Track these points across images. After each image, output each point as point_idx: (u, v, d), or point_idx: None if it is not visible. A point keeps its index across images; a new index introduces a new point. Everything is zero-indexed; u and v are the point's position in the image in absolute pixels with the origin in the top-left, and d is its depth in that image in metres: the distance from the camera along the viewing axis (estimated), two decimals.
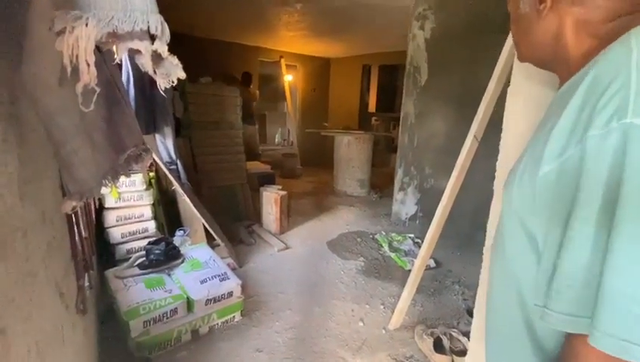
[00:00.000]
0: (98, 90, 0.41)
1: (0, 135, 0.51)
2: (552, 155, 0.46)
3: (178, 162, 2.58)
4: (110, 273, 2.06)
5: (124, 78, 1.86)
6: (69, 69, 0.41)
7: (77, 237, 1.13)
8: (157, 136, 2.41)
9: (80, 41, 0.38)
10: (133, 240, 2.36)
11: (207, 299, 1.97)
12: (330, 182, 5.37)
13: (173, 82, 0.51)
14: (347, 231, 3.64)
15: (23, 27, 0.47)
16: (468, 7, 3.06)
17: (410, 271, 2.32)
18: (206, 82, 3.26)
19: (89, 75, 0.39)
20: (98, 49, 0.50)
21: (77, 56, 0.39)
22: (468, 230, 3.03)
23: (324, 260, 2.98)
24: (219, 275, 2.13)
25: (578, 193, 0.42)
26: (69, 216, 1.07)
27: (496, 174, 1.15)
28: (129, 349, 1.72)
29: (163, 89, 0.51)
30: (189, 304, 1.93)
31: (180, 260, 2.25)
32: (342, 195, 4.97)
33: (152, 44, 0.45)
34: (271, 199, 3.41)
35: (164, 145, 2.47)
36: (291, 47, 6.11)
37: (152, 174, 2.49)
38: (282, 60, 6.18)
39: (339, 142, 5.00)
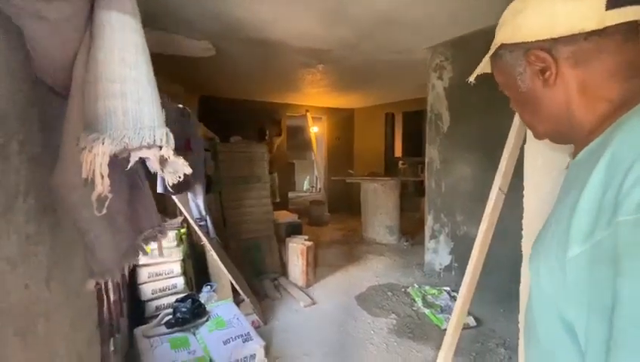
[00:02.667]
0: (110, 196, 0.48)
1: (35, 231, 0.59)
2: (580, 237, 0.44)
3: (207, 218, 2.70)
4: (139, 331, 2.09)
5: None
6: (99, 182, 0.48)
7: (105, 305, 1.20)
8: (189, 194, 2.58)
9: (97, 158, 0.45)
10: (163, 297, 2.42)
11: None
12: (359, 229, 5.28)
13: (178, 177, 0.57)
14: (377, 284, 3.48)
15: (60, 140, 0.56)
16: (483, 56, 3.13)
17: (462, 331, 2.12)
18: (235, 141, 3.50)
19: (102, 186, 0.46)
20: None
21: (94, 170, 0.46)
22: (507, 283, 2.76)
23: (353, 317, 2.83)
24: (242, 335, 2.09)
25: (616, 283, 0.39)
26: (99, 289, 1.14)
27: (523, 233, 1.09)
28: None
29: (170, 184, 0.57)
30: None
31: (205, 318, 2.25)
32: (371, 243, 4.83)
33: (160, 150, 0.51)
34: (297, 250, 3.39)
35: (194, 203, 2.62)
36: (316, 102, 6.49)
37: (183, 230, 2.61)
38: (308, 114, 6.55)
39: (365, 189, 5.00)
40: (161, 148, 0.52)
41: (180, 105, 2.47)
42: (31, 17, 0.42)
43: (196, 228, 2.55)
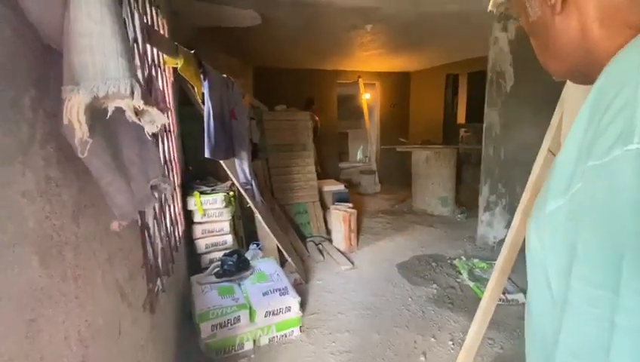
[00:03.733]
0: (91, 141, 0.55)
1: (57, 174, 0.71)
2: (559, 189, 0.38)
3: (253, 183, 2.87)
4: (194, 279, 2.41)
5: (205, 116, 2.22)
6: (76, 128, 0.55)
7: (150, 249, 1.40)
8: (236, 160, 2.76)
9: (73, 107, 0.51)
10: (214, 251, 2.72)
11: (267, 311, 2.11)
12: (409, 199, 5.11)
13: (157, 126, 0.63)
14: (421, 254, 3.39)
15: None
16: None
17: (499, 306, 2.01)
18: (281, 109, 3.58)
19: (81, 132, 0.53)
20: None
21: (76, 117, 0.53)
22: None
23: (392, 284, 2.83)
24: (280, 289, 2.26)
25: (576, 244, 0.34)
26: (142, 232, 1.33)
27: None
28: (200, 348, 1.96)
29: (150, 133, 0.62)
30: (252, 314, 2.10)
31: (249, 271, 2.48)
32: (420, 214, 4.66)
33: (132, 99, 0.56)
34: (340, 217, 3.45)
35: (241, 168, 2.80)
36: (369, 66, 6.19)
37: (231, 193, 2.84)
38: (360, 80, 6.31)
39: (416, 158, 4.76)
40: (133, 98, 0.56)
41: (225, 75, 2.59)
42: None
43: (242, 192, 2.75)
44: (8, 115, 0.57)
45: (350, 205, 3.69)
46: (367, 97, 6.63)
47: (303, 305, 2.38)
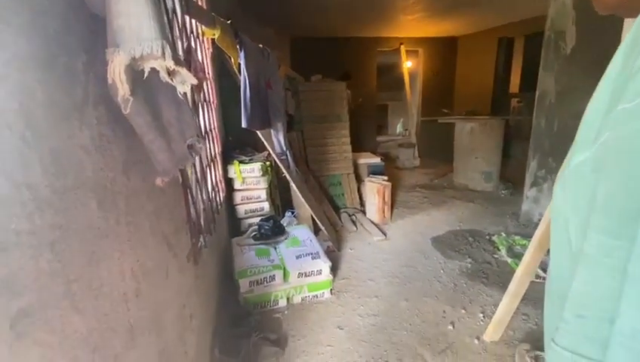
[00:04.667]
0: (132, 99, 0.62)
1: (108, 132, 0.81)
2: (586, 140, 0.38)
3: (288, 153, 2.95)
4: (234, 240, 2.61)
5: (241, 86, 2.29)
6: (119, 87, 0.63)
7: (192, 208, 1.54)
8: (271, 130, 2.84)
9: (115, 67, 0.58)
10: (253, 217, 2.89)
11: (300, 273, 2.24)
12: (450, 174, 4.91)
13: (187, 86, 0.68)
14: (458, 229, 3.30)
15: None
16: None
17: (536, 283, 1.93)
18: (316, 80, 3.55)
19: (122, 90, 0.60)
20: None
21: (117, 76, 0.60)
22: None
23: (424, 256, 2.83)
24: (312, 253, 2.37)
25: (597, 193, 0.33)
26: (185, 192, 1.46)
27: None
28: (239, 301, 2.16)
29: (182, 93, 0.68)
30: (285, 274, 2.25)
31: (284, 236, 2.62)
32: (461, 189, 4.48)
33: (164, 59, 0.62)
34: (374, 189, 3.44)
35: (276, 139, 2.88)
36: (412, 32, 5.81)
37: (268, 163, 2.96)
38: (402, 47, 5.97)
39: (459, 130, 4.50)
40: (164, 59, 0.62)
41: (261, 46, 2.62)
42: None
43: (277, 161, 2.85)
44: (64, 77, 0.66)
45: (385, 178, 3.66)
46: (409, 65, 6.28)
47: (334, 271, 2.49)
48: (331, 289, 2.34)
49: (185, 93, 0.89)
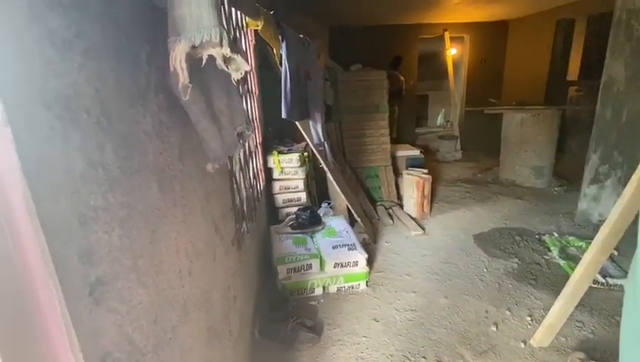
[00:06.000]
0: (191, 86, 0.65)
1: (166, 119, 0.85)
2: None
3: (326, 144, 2.95)
4: (272, 228, 2.68)
5: (282, 77, 2.31)
6: (179, 74, 0.66)
7: (237, 195, 1.60)
8: (310, 121, 2.85)
9: (177, 55, 0.61)
10: (290, 206, 2.95)
11: (336, 263, 2.25)
12: (496, 168, 4.62)
13: (242, 73, 0.70)
14: (504, 227, 3.11)
15: None
16: None
17: (594, 289, 1.78)
18: (355, 69, 3.49)
19: (182, 77, 0.63)
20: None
21: (179, 63, 0.63)
22: None
23: (465, 253, 2.71)
24: (348, 245, 2.37)
25: None
26: (231, 179, 1.52)
27: None
28: (277, 287, 2.23)
29: (236, 80, 0.70)
30: (322, 263, 2.27)
31: (321, 226, 2.65)
32: (508, 185, 4.20)
33: (222, 47, 0.64)
34: (412, 182, 3.34)
35: (315, 129, 2.89)
36: (457, 17, 5.47)
37: (305, 153, 2.99)
38: (446, 33, 5.66)
39: (508, 122, 4.20)
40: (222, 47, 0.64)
41: (301, 36, 2.62)
42: None
43: (315, 152, 2.86)
44: (131, 66, 0.71)
45: (425, 171, 3.53)
46: (454, 53, 5.95)
47: (370, 263, 2.47)
48: (367, 282, 2.33)
49: (237, 81, 0.91)
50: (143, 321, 0.69)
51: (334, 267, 2.24)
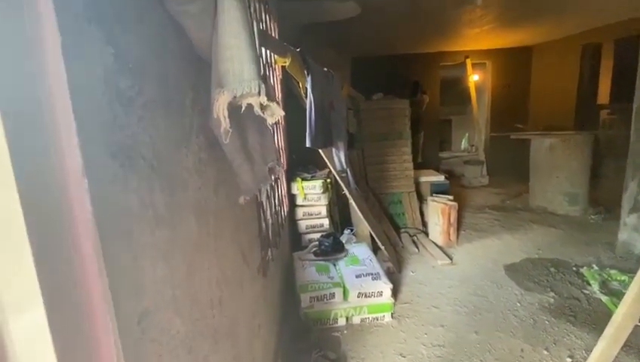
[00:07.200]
0: (231, 130, 0.71)
1: (205, 157, 0.93)
2: None
3: (348, 171, 3.00)
4: (296, 255, 2.70)
5: (307, 108, 2.42)
6: (222, 121, 0.73)
7: (263, 223, 1.65)
8: (333, 149, 2.92)
9: (220, 105, 0.68)
10: (313, 232, 2.96)
11: (360, 293, 2.22)
12: (525, 195, 4.45)
13: (276, 119, 0.76)
14: (537, 257, 2.96)
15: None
16: None
17: (638, 328, 1.63)
18: (377, 98, 3.57)
19: (224, 123, 0.69)
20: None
21: (222, 112, 0.70)
22: None
23: (497, 285, 2.58)
24: (372, 274, 2.34)
25: None
26: (258, 208, 1.58)
27: None
28: (300, 316, 2.21)
29: (271, 123, 0.76)
30: (345, 292, 2.24)
31: (344, 254, 2.64)
32: (539, 212, 4.02)
33: (259, 96, 0.70)
34: (437, 209, 3.28)
35: (337, 157, 2.95)
36: (478, 45, 5.53)
37: (328, 180, 3.03)
38: (468, 60, 5.71)
39: (537, 147, 4.09)
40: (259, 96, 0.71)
41: (325, 69, 2.74)
42: (183, 14, 0.68)
43: (338, 179, 2.90)
44: (178, 113, 0.79)
45: (450, 197, 3.47)
46: (476, 79, 5.96)
47: (395, 294, 2.40)
48: (392, 313, 2.26)
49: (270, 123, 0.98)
50: (180, 351, 0.72)
51: (358, 297, 2.21)
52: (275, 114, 0.76)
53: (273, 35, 2.52)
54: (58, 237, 0.44)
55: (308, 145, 2.45)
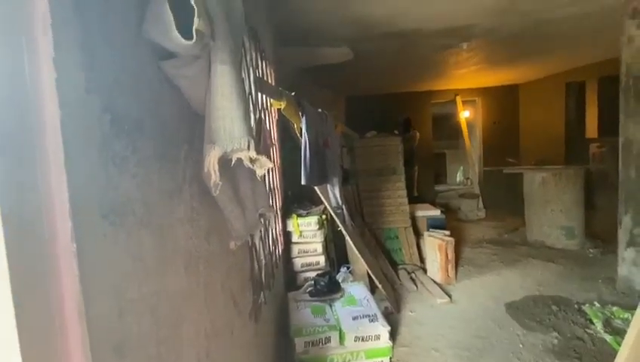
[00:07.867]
0: (220, 183, 0.74)
1: (197, 205, 0.95)
2: None
3: (343, 207, 3.01)
4: (291, 295, 2.63)
5: (302, 147, 2.49)
6: (212, 174, 0.76)
7: (255, 265, 1.63)
8: (328, 186, 2.96)
9: (211, 160, 0.71)
10: (309, 271, 2.91)
11: (356, 336, 2.13)
12: (522, 228, 4.44)
13: (265, 170, 0.79)
14: (537, 294, 2.90)
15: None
16: None
17: None
18: (371, 136, 3.68)
19: (215, 177, 0.73)
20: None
21: (212, 166, 0.73)
22: None
23: (498, 325, 2.50)
24: (369, 315, 2.27)
25: None
26: (250, 250, 1.57)
27: None
28: (294, 361, 2.11)
29: (262, 174, 0.79)
30: (341, 336, 2.16)
31: (340, 294, 2.57)
32: (537, 246, 3.99)
33: (249, 151, 0.74)
34: (434, 245, 3.26)
35: (332, 193, 2.98)
36: (467, 83, 5.82)
37: (324, 216, 3.04)
38: (458, 98, 5.97)
39: (530, 181, 4.15)
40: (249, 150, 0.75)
41: (320, 110, 2.86)
42: (179, 77, 0.74)
43: (333, 215, 2.91)
44: (171, 165, 0.82)
45: (447, 232, 3.46)
46: (467, 115, 6.18)
47: (393, 336, 2.32)
48: (390, 358, 2.17)
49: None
50: None
51: (355, 341, 2.12)
52: (264, 166, 0.80)
53: (270, 79, 2.66)
54: (43, 300, 0.44)
55: (303, 182, 2.49)
